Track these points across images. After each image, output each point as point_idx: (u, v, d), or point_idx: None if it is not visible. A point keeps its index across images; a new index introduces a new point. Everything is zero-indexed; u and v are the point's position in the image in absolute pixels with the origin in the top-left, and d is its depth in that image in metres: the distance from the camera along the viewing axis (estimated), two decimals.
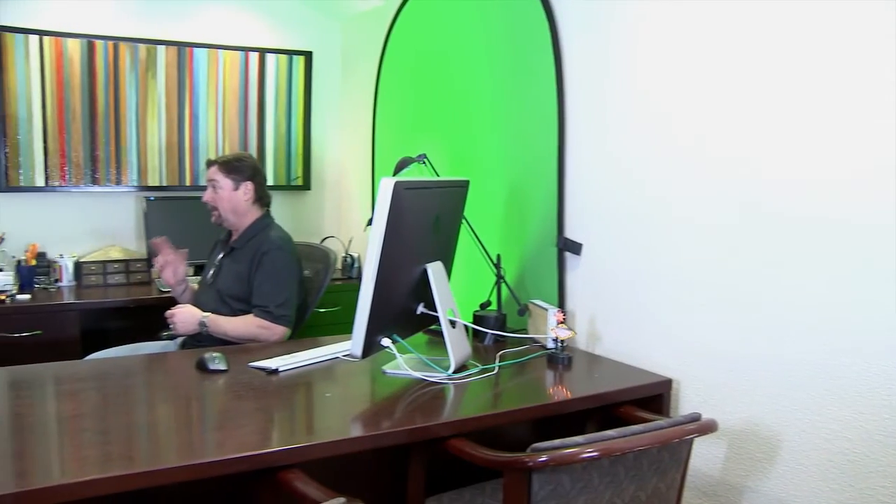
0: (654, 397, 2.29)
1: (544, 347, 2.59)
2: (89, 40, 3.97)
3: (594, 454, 1.63)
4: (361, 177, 4.40)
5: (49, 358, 2.62)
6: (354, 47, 4.53)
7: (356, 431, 1.88)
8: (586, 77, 2.66)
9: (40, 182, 3.95)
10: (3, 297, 3.42)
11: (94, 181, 4.07)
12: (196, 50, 4.23)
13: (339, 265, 4.16)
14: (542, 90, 2.82)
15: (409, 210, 2.12)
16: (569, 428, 2.13)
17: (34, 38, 3.85)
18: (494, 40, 3.13)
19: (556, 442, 1.63)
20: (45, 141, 3.93)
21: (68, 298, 3.63)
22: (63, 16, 3.93)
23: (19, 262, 3.78)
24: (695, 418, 1.84)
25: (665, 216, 2.38)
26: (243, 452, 1.66)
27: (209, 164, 3.08)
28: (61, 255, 3.92)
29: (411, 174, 3.08)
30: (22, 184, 3.91)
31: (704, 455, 2.25)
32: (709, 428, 1.83)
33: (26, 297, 3.53)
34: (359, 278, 4.22)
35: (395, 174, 3.05)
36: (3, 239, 3.82)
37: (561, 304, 2.78)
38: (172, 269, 3.11)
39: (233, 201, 3.01)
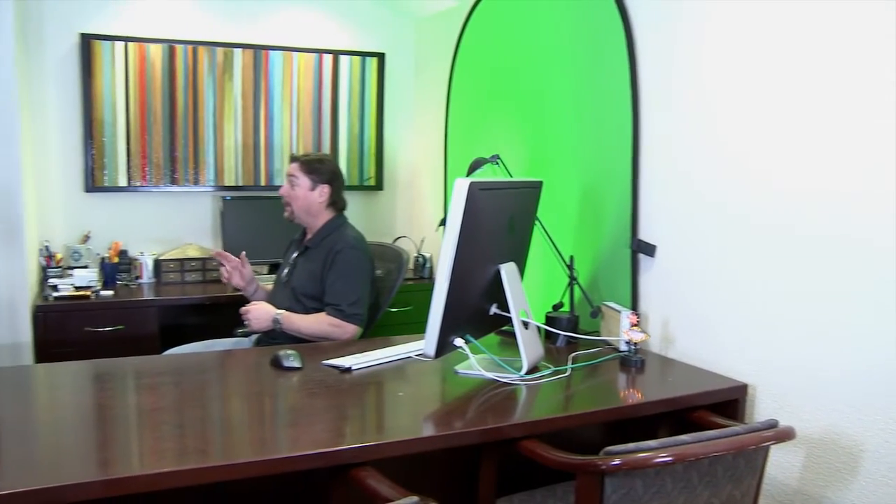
0: (728, 402, 2.24)
1: (617, 350, 2.56)
2: (170, 45, 4.07)
3: (668, 459, 1.61)
4: (434, 177, 4.41)
5: (130, 352, 2.71)
6: (427, 48, 4.55)
7: (428, 431, 1.88)
8: (661, 77, 2.61)
9: (123, 182, 4.07)
10: (88, 293, 3.54)
11: (173, 181, 4.17)
12: (271, 52, 4.30)
13: (410, 265, 4.17)
14: (616, 90, 2.77)
15: (484, 210, 2.11)
16: (640, 432, 2.08)
17: (119, 45, 3.97)
18: (568, 40, 3.09)
19: (630, 445, 1.61)
20: (127, 143, 4.05)
21: (148, 295, 3.74)
22: (146, 22, 4.05)
23: (103, 259, 3.90)
24: (772, 425, 1.79)
25: (741, 221, 2.31)
26: (317, 449, 1.67)
27: (292, 159, 3.13)
28: (142, 253, 4.03)
29: (484, 175, 3.08)
30: (106, 184, 4.03)
31: (781, 463, 2.18)
32: (786, 435, 1.79)
33: (109, 293, 3.64)
34: (430, 278, 4.23)
35: (468, 174, 3.04)
36: (88, 237, 3.95)
37: (634, 307, 2.73)
38: (239, 273, 3.19)
39: (308, 200, 3.05)
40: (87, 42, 3.91)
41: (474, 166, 3.05)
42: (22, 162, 3.31)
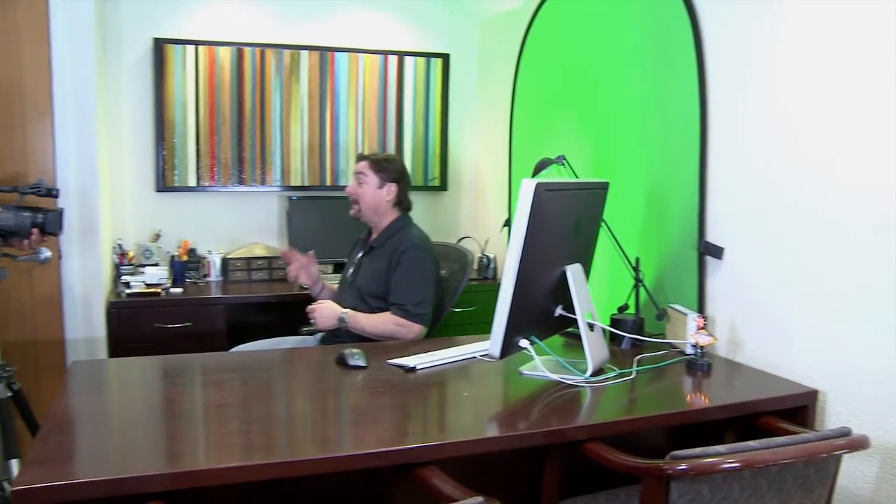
0: (798, 409, 2.18)
1: (683, 353, 2.51)
2: (238, 48, 4.15)
3: (736, 465, 1.58)
4: (498, 178, 4.40)
5: (198, 349, 2.77)
6: (492, 49, 4.54)
7: (492, 431, 1.87)
8: (730, 76, 2.55)
9: (192, 182, 4.16)
10: (159, 290, 3.62)
11: (241, 181, 4.24)
12: (337, 54, 4.35)
13: (475, 265, 4.17)
14: (684, 90, 2.72)
15: (550, 212, 2.10)
16: (706, 437, 2.04)
17: (190, 48, 4.07)
18: (634, 39, 3.05)
19: (697, 450, 1.58)
20: (197, 143, 4.14)
21: (215, 293, 3.81)
22: (216, 26, 4.14)
23: (173, 257, 3.99)
24: (844, 433, 1.74)
25: (812, 224, 2.24)
26: (380, 448, 1.68)
27: (360, 157, 3.15)
28: (210, 252, 4.11)
29: (550, 176, 3.05)
30: (176, 184, 4.13)
31: (853, 473, 2.10)
32: (860, 444, 1.73)
33: (179, 290, 3.73)
34: (495, 279, 4.22)
35: (534, 175, 3.02)
36: (159, 236, 4.04)
37: (701, 309, 2.68)
38: (306, 272, 3.24)
39: (375, 198, 3.07)
40: (160, 46, 4.01)
41: (540, 167, 3.02)
42: (98, 162, 3.41)
